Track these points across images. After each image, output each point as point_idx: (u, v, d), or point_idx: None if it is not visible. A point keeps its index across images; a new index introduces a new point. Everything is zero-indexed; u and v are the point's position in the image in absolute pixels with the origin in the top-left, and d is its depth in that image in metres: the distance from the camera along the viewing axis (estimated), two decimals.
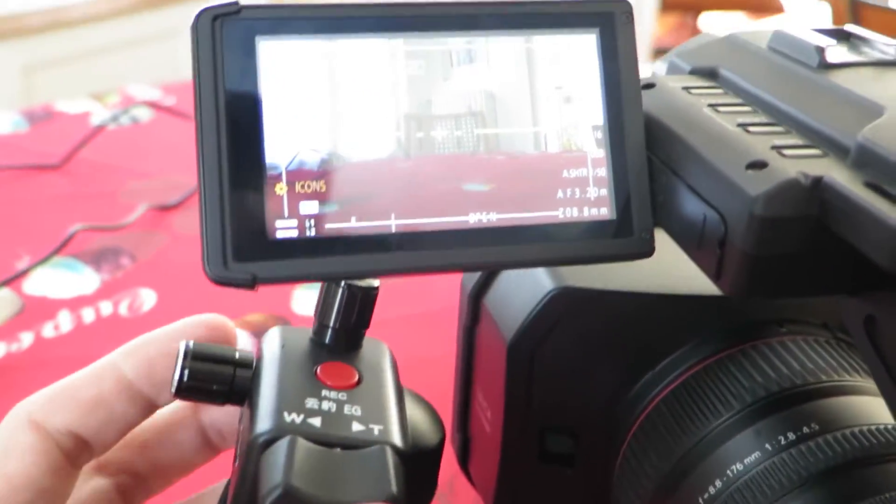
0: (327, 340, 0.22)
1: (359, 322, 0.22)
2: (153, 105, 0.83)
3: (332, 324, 0.22)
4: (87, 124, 0.80)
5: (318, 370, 0.21)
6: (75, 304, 0.55)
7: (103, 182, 0.70)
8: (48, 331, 0.52)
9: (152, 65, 1.35)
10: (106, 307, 0.54)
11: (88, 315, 0.54)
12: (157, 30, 1.49)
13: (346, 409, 0.20)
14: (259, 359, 0.22)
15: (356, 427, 0.20)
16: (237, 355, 0.22)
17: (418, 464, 0.21)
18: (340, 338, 0.22)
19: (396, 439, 0.20)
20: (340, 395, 0.20)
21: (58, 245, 0.59)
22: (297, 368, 0.21)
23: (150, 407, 0.23)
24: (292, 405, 0.20)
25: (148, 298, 0.55)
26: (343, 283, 0.22)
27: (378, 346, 0.23)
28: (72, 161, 0.73)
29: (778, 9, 2.44)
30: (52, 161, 0.72)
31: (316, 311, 0.23)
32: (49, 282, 0.57)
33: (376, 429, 0.20)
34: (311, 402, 0.20)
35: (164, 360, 0.22)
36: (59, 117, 0.83)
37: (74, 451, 0.22)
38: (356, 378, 0.21)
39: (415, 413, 0.23)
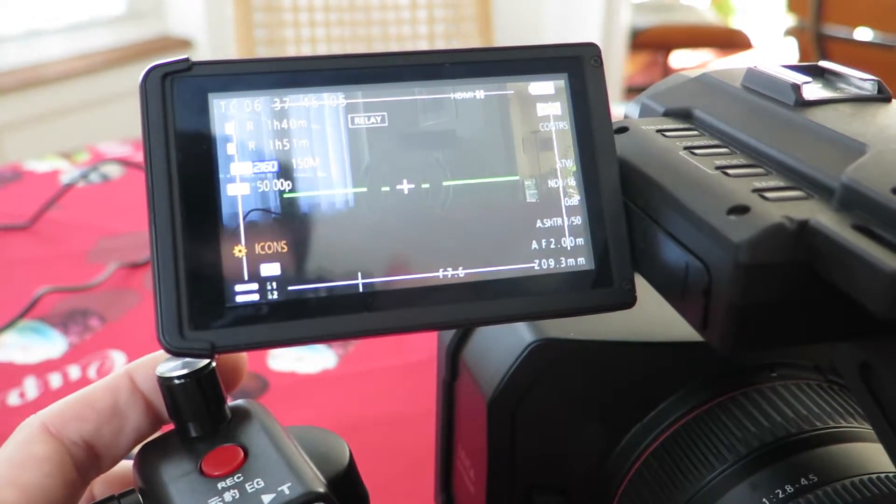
0: (194, 434, 0.21)
1: (213, 401, 0.21)
2: (123, 161, 0.82)
3: (189, 418, 0.21)
4: (56, 183, 0.79)
5: (202, 467, 0.20)
6: (42, 369, 0.53)
7: (72, 241, 0.69)
8: (13, 398, 0.50)
9: (124, 122, 1.35)
10: (74, 371, 0.53)
11: (56, 380, 0.52)
12: (131, 85, 1.49)
13: (249, 487, 0.19)
14: (141, 489, 0.21)
15: (267, 499, 0.19)
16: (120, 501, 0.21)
17: (341, 487, 0.21)
18: (205, 424, 0.21)
19: (310, 486, 0.19)
20: (236, 477, 0.20)
21: (23, 308, 0.57)
22: (182, 478, 0.20)
23: (159, 420, 0.23)
24: None
25: (118, 361, 0.54)
26: (175, 380, 0.21)
27: (244, 408, 0.22)
28: (40, 221, 0.71)
29: (746, 45, 2.49)
30: (20, 222, 0.71)
31: (168, 413, 0.22)
32: (15, 347, 0.55)
33: (286, 488, 0.19)
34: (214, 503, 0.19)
35: None
36: (27, 177, 0.82)
37: (86, 464, 0.22)
38: (241, 453, 0.20)
39: (311, 444, 0.22)
